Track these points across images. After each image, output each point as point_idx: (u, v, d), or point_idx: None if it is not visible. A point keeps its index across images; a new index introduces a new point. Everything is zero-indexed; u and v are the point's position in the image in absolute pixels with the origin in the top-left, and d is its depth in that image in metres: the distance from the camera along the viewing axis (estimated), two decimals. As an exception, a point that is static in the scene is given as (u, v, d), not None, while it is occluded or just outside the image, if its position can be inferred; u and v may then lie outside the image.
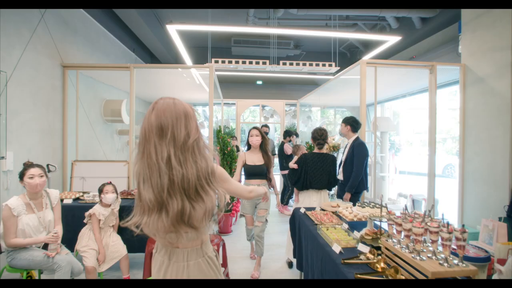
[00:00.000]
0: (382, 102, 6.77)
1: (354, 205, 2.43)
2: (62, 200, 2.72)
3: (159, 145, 0.95)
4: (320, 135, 3.03)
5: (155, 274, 1.11)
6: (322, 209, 2.47)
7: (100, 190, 2.36)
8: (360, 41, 6.40)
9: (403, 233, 1.31)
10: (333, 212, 2.34)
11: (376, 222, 1.73)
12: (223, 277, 1.21)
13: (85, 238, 2.27)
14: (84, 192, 3.05)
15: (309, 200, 2.94)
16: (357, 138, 3.13)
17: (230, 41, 6.31)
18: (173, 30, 3.84)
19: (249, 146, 2.98)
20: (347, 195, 2.92)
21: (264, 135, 2.88)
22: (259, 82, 8.10)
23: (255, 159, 2.91)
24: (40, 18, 3.18)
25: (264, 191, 1.47)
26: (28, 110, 3.01)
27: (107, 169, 3.64)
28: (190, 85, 4.99)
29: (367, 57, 3.56)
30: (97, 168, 3.64)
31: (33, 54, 3.07)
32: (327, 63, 4.64)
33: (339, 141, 3.55)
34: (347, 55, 7.48)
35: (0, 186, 2.67)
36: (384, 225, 1.65)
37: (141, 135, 0.97)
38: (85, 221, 2.35)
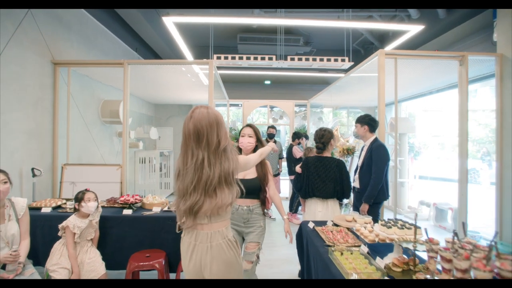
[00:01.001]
0: (400, 102, 6.26)
1: (374, 220, 2.02)
2: (40, 209, 2.44)
3: (196, 149, 1.20)
4: (319, 137, 2.58)
5: (184, 254, 1.29)
6: (335, 224, 2.06)
7: (80, 199, 2.05)
8: (375, 35, 5.94)
9: (454, 272, 0.90)
10: (348, 228, 1.94)
11: (407, 247, 1.33)
12: (241, 260, 1.34)
13: (57, 255, 1.97)
14: (67, 200, 2.77)
15: (314, 209, 2.52)
16: (376, 140, 2.71)
17: (236, 39, 5.99)
18: (170, 22, 3.55)
19: (240, 151, 2.13)
20: (365, 206, 2.50)
21: (260, 137, 2.06)
22: (267, 82, 7.74)
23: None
24: (26, 12, 2.95)
25: (271, 147, 1.75)
26: (11, 110, 2.77)
27: (99, 173, 3.37)
28: (194, 84, 4.70)
29: (374, 59, 3.19)
30: (88, 172, 3.37)
31: (18, 49, 2.83)
32: (339, 58, 4.23)
33: (354, 144, 3.13)
34: (361, 52, 7.02)
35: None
36: (420, 252, 1.24)
37: (182, 138, 1.24)
38: (59, 234, 2.05)
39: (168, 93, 5.71)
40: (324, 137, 2.60)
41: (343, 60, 4.22)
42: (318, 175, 2.49)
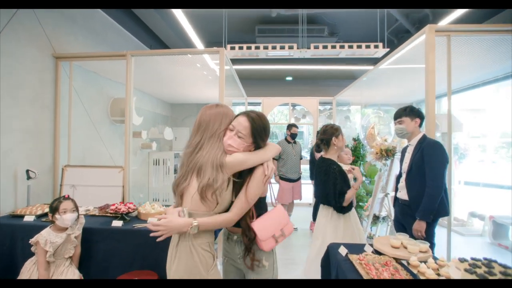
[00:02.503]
0: (439, 97, 5.44)
1: (430, 247, 1.46)
2: (22, 217, 2.14)
3: (194, 136, 1.28)
4: (321, 133, 2.27)
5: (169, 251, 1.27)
6: (377, 251, 1.52)
7: (55, 209, 1.70)
8: (413, 20, 5.22)
9: None
10: (396, 259, 1.40)
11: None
12: (205, 273, 1.18)
13: (25, 276, 1.62)
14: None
15: (320, 214, 2.28)
16: (425, 137, 2.13)
17: (253, 32, 5.55)
18: (181, 14, 3.18)
19: None
20: (421, 225, 1.90)
21: (260, 140, 1.28)
22: (289, 78, 7.21)
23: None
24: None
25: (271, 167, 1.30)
26: (5, 107, 2.53)
27: (101, 176, 3.07)
28: (210, 82, 4.34)
29: (419, 39, 2.55)
30: (90, 174, 3.09)
31: (13, 42, 2.60)
32: (372, 44, 3.63)
33: (394, 143, 2.52)
34: (394, 42, 6.28)
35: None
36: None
37: None
38: (32, 249, 1.71)
39: (184, 91, 5.42)
40: (326, 133, 2.19)
41: (376, 47, 3.62)
42: (316, 176, 2.31)
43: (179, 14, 4.42)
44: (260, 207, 1.31)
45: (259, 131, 1.26)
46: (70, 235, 1.74)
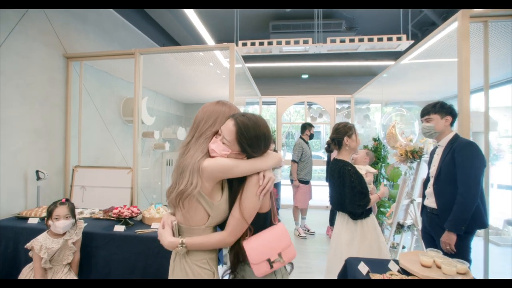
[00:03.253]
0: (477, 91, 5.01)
1: (459, 256, 1.22)
2: (26, 219, 2.09)
3: (187, 135, 1.13)
4: (332, 131, 2.10)
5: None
6: (404, 270, 1.31)
7: (49, 214, 1.61)
8: (439, 10, 4.83)
9: None
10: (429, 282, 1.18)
11: None
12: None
13: (22, 284, 1.54)
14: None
15: (336, 225, 2.09)
16: (457, 137, 1.87)
17: (267, 29, 5.38)
18: (192, 12, 3.07)
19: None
20: (451, 237, 1.66)
21: (251, 151, 1.07)
22: (305, 76, 6.97)
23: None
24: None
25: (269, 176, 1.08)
26: (13, 106, 2.52)
27: (110, 177, 3.02)
28: (224, 81, 4.23)
29: (450, 28, 2.24)
30: (99, 175, 3.04)
31: (23, 41, 2.58)
32: (394, 36, 3.35)
33: (421, 144, 2.26)
34: (418, 35, 5.88)
35: (-31, 198, 2.17)
36: None
37: None
38: (30, 254, 1.64)
39: (197, 91, 5.35)
40: (338, 132, 2.01)
41: (399, 39, 3.33)
42: (329, 180, 2.15)
43: (190, 13, 4.35)
44: (259, 224, 1.09)
45: (248, 138, 1.02)
46: (68, 240, 1.66)
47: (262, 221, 1.10)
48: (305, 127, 4.36)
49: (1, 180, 2.40)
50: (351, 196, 1.85)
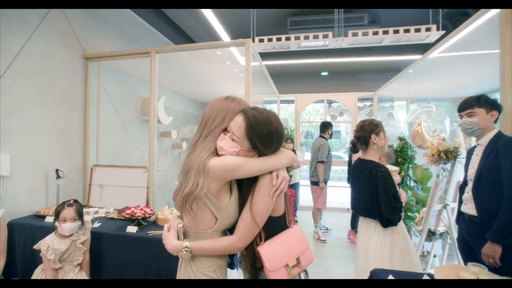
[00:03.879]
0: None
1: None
2: (44, 217, 2.11)
3: (195, 134, 1.04)
4: (357, 129, 1.91)
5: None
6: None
7: (57, 215, 1.59)
8: None
9: None
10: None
11: None
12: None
13: (34, 285, 1.53)
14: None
15: (360, 229, 1.92)
16: (501, 135, 1.65)
17: (286, 25, 5.23)
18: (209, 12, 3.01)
19: None
20: (495, 249, 1.45)
21: (261, 146, 0.96)
22: (324, 73, 6.74)
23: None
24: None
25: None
26: (35, 107, 2.57)
27: (127, 176, 3.02)
28: (242, 80, 4.15)
29: (484, 18, 1.98)
30: (116, 174, 3.06)
31: (43, 43, 2.64)
32: (422, 27, 3.09)
33: (456, 143, 2.03)
34: (448, 27, 5.48)
35: (-7, 195, 2.23)
36: None
37: None
38: (41, 255, 1.63)
39: (215, 90, 5.32)
40: (364, 129, 1.83)
41: (428, 30, 3.07)
42: (354, 183, 1.95)
43: (207, 11, 4.31)
44: (271, 228, 0.99)
45: (259, 134, 0.93)
46: (75, 241, 1.63)
47: (275, 225, 1.01)
48: (327, 125, 4.22)
49: (23, 179, 2.46)
50: (387, 201, 1.67)
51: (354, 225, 3.91)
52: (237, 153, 0.95)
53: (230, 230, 1.03)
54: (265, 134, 0.94)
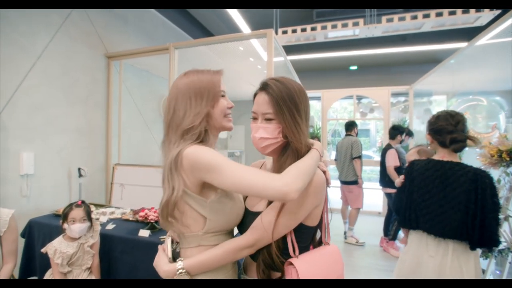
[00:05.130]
0: None
1: None
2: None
3: (164, 133, 0.91)
4: (454, 123, 1.41)
5: None
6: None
7: (65, 217, 1.52)
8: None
9: None
10: None
11: None
12: None
13: None
14: (99, 205, 2.39)
15: (421, 250, 1.45)
16: None
17: (312, 17, 4.95)
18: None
19: None
20: None
21: (280, 98, 0.82)
22: (353, 67, 6.34)
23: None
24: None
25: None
26: (58, 106, 2.59)
27: (147, 175, 2.97)
28: (265, 75, 4.00)
29: None
30: (137, 173, 3.02)
31: (66, 42, 2.65)
32: (472, 9, 2.68)
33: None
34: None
35: (18, 193, 2.26)
36: None
37: None
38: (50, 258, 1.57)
39: (238, 87, 5.19)
40: (458, 122, 1.43)
41: (478, 11, 2.66)
42: (429, 192, 1.45)
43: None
44: (304, 239, 0.82)
45: (284, 99, 0.80)
46: (83, 244, 1.55)
47: (307, 237, 0.84)
48: (352, 124, 4.07)
49: (46, 177, 2.49)
50: (497, 221, 1.30)
51: (387, 231, 3.56)
52: (282, 137, 0.81)
53: (240, 230, 0.87)
54: (288, 96, 0.82)
